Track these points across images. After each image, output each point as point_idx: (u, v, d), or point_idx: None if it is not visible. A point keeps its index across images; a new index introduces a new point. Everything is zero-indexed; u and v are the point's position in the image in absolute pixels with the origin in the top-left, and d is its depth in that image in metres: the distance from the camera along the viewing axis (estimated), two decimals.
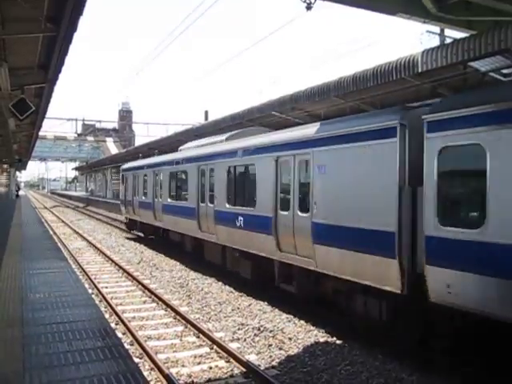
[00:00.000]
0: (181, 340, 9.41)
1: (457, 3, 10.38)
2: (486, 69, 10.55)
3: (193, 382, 7.48)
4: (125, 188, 27.38)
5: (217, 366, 8.02)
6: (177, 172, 18.74)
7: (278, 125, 17.47)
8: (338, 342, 9.00)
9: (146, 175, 22.87)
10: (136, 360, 7.67)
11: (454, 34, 14.79)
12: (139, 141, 74.38)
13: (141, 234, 25.83)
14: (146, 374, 7.46)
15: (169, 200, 19.13)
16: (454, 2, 10.31)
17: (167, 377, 7.40)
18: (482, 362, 6.94)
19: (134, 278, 14.95)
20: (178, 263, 17.94)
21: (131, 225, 26.84)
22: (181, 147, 20.02)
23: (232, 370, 7.86)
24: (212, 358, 8.46)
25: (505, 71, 10.63)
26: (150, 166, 22.46)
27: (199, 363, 8.20)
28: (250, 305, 11.72)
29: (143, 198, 23.00)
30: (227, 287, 13.68)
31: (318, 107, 15.63)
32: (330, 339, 9.16)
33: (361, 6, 10.19)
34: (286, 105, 16.47)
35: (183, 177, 18.07)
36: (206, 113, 49.16)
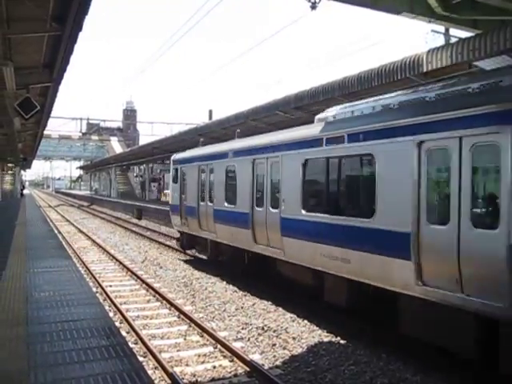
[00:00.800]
0: (185, 339, 9.41)
1: (462, 2, 10.38)
2: (491, 68, 10.52)
3: (197, 381, 7.48)
4: (181, 188, 18.25)
5: (220, 366, 8.02)
6: (328, 159, 9.98)
7: None
8: (342, 341, 8.99)
9: (233, 168, 14.20)
10: (140, 359, 7.67)
11: (459, 33, 14.77)
12: (143, 140, 74.56)
13: (202, 257, 17.68)
14: (150, 372, 7.44)
15: (303, 212, 10.48)
16: (460, 1, 10.30)
17: (171, 376, 7.40)
18: (482, 362, 6.91)
19: (138, 277, 14.97)
20: (182, 262, 17.95)
21: (189, 242, 18.04)
22: (321, 115, 11.25)
23: (236, 370, 7.85)
24: (216, 357, 8.46)
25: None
26: (242, 153, 13.62)
27: (203, 362, 8.20)
28: (253, 304, 11.72)
29: (226, 205, 14.25)
30: (231, 286, 13.68)
31: (323, 107, 15.62)
32: (333, 339, 9.14)
33: (366, 5, 10.21)
34: (291, 104, 16.49)
35: (350, 169, 9.91)
36: (210, 112, 49.29)
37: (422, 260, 7.49)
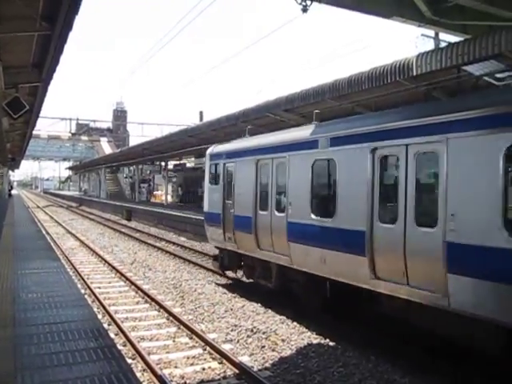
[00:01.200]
0: (174, 341, 9.38)
1: (452, 7, 10.48)
2: (479, 73, 10.64)
3: (185, 383, 7.46)
4: (224, 192, 13.65)
5: (209, 368, 8.00)
6: None
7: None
8: (331, 343, 9.01)
9: (328, 162, 9.66)
10: (129, 361, 7.64)
11: (448, 37, 14.89)
12: (133, 141, 74.33)
13: (247, 280, 13.82)
14: (138, 375, 7.41)
15: (506, 235, 6.18)
16: (449, 6, 10.40)
17: (160, 378, 7.37)
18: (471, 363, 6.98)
19: (127, 279, 14.90)
20: (172, 264, 17.89)
21: (234, 263, 13.85)
22: None
23: (225, 372, 7.84)
24: (205, 359, 8.44)
25: (498, 75, 10.71)
26: (350, 139, 9.03)
27: (192, 364, 8.17)
28: (243, 306, 11.71)
29: (314, 217, 9.76)
30: (220, 288, 13.67)
31: (313, 109, 15.69)
32: (323, 341, 9.16)
33: (357, 9, 10.27)
34: (281, 106, 16.54)
35: None
36: (201, 113, 49.41)
37: None
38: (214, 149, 14.84)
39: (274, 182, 11.31)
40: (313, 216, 9.77)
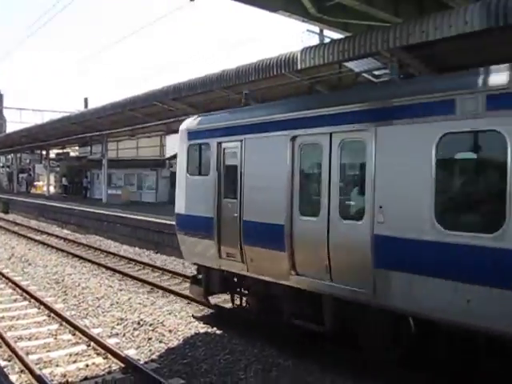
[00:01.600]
0: (55, 338, 8.95)
1: (334, 6, 10.98)
2: (359, 69, 11.26)
3: (67, 381, 7.15)
4: (218, 186, 9.20)
5: (94, 364, 7.75)
6: None
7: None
8: (218, 332, 9.12)
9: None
10: (3, 363, 7.20)
11: (332, 34, 15.58)
12: (11, 128, 69.22)
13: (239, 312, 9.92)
14: (14, 377, 7.03)
15: None
16: (332, 4, 10.89)
17: (39, 378, 7.01)
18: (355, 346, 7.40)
19: (3, 275, 13.93)
20: (54, 258, 17.01)
21: (225, 286, 9.73)
22: None
23: (110, 367, 7.64)
24: (89, 355, 8.15)
25: (376, 72, 11.42)
26: None
27: (75, 362, 7.86)
28: (129, 299, 11.46)
29: (446, 230, 5.73)
30: (106, 281, 13.26)
31: (201, 98, 15.69)
32: (210, 330, 9.24)
33: (243, 0, 10.39)
34: (169, 95, 16.38)
35: None
36: (86, 100, 47.49)
37: None
38: (194, 122, 10.12)
39: (333, 171, 7.18)
40: (441, 228, 5.83)
